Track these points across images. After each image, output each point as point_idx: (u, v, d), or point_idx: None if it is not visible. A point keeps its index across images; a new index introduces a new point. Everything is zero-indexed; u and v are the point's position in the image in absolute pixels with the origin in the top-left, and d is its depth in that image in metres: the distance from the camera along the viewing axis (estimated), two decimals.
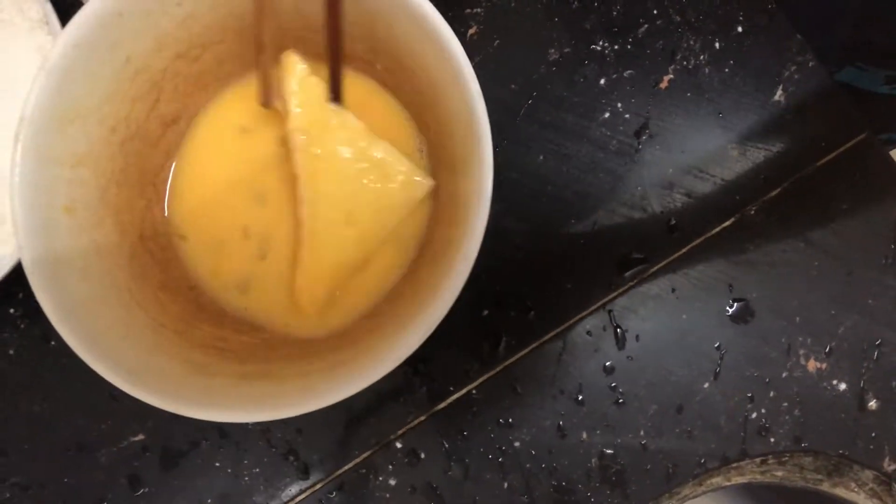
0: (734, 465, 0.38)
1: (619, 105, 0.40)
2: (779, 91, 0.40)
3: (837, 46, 0.51)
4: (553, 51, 0.40)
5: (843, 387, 0.38)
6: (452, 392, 0.38)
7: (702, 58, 0.41)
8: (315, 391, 0.26)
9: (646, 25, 0.41)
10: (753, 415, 0.38)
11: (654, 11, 0.41)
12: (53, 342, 0.38)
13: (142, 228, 0.33)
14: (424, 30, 0.28)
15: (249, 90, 0.35)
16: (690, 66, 0.40)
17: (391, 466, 0.37)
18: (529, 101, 0.40)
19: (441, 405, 0.38)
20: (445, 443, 0.37)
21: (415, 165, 0.33)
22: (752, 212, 0.39)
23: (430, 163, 0.35)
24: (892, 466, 0.38)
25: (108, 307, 0.29)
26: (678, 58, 0.41)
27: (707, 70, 0.40)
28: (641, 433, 0.38)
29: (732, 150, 0.40)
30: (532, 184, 0.39)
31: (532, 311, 0.38)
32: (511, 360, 0.38)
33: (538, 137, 0.40)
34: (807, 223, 0.39)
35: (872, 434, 0.38)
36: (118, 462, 0.37)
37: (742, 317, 0.38)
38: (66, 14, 0.28)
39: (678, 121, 0.40)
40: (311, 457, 0.37)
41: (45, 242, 0.27)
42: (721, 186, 0.39)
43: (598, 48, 0.41)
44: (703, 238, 0.39)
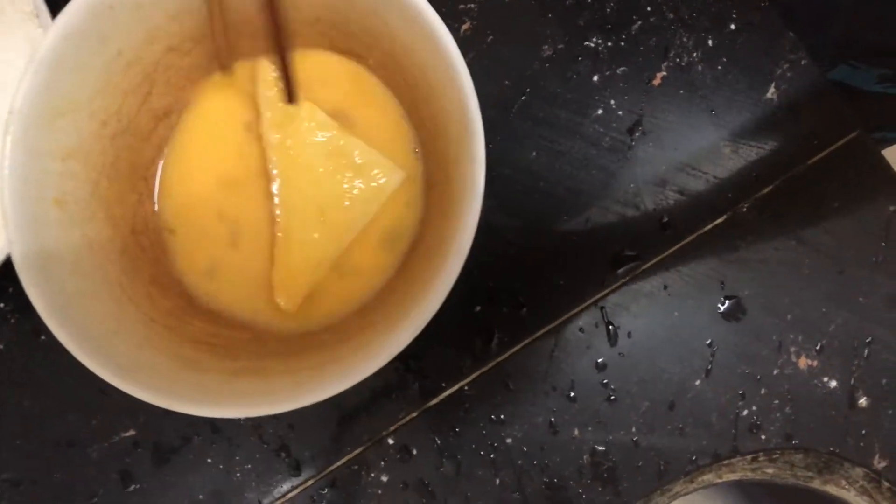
0: (725, 463, 0.38)
1: (613, 102, 0.40)
2: (771, 89, 0.40)
3: (830, 44, 0.51)
4: (546, 47, 0.40)
5: (834, 384, 0.38)
6: (444, 388, 0.38)
7: (695, 55, 0.41)
8: (306, 387, 0.26)
9: (639, 22, 0.41)
10: (745, 412, 0.38)
11: (648, 8, 0.41)
12: (44, 337, 0.37)
13: (133, 223, 0.33)
14: (418, 25, 0.28)
15: (235, 83, 0.35)
16: (683, 64, 0.41)
17: (383, 463, 0.37)
18: (523, 98, 0.40)
19: (433, 401, 0.38)
20: (437, 439, 0.37)
21: (386, 158, 0.33)
22: (745, 209, 0.39)
23: (425, 157, 0.35)
24: (882, 464, 0.38)
25: (99, 302, 0.29)
26: (671, 55, 0.41)
27: (700, 67, 0.41)
28: (633, 430, 0.38)
29: (725, 148, 0.40)
30: (525, 180, 0.39)
31: (524, 308, 0.38)
32: (503, 357, 0.38)
33: (531, 134, 0.40)
34: (799, 221, 0.40)
35: (863, 431, 0.38)
36: (109, 458, 0.37)
37: (734, 314, 0.39)
38: (58, 6, 0.28)
39: (671, 118, 0.40)
40: (304, 453, 0.37)
41: (36, 236, 0.27)
42: (713, 184, 0.40)
43: (592, 45, 0.41)
44: (696, 235, 0.39)
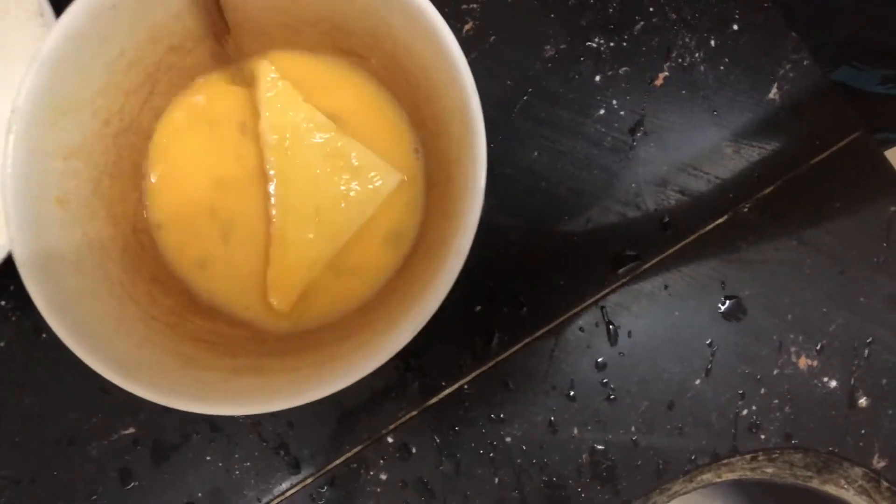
0: (724, 462, 0.38)
1: (615, 102, 0.40)
2: (774, 89, 0.40)
3: (833, 45, 0.51)
4: (549, 47, 0.40)
5: (834, 384, 0.38)
6: (444, 387, 0.38)
7: (697, 55, 0.41)
8: (306, 385, 0.26)
9: (642, 23, 0.41)
10: (744, 412, 0.38)
11: (650, 9, 0.41)
12: (45, 335, 0.37)
13: (135, 221, 0.33)
14: (420, 25, 0.28)
15: (233, 84, 0.35)
16: (686, 64, 0.40)
17: (382, 461, 0.37)
18: (524, 98, 0.40)
19: (433, 400, 0.38)
20: (437, 438, 0.37)
21: (384, 161, 0.34)
22: (746, 209, 0.39)
23: (426, 157, 0.35)
24: (882, 464, 0.38)
25: (100, 300, 0.29)
26: (673, 55, 0.41)
27: (702, 68, 0.40)
28: (633, 429, 0.38)
29: (727, 148, 0.40)
30: (526, 180, 0.39)
31: (525, 307, 0.38)
32: (503, 356, 0.38)
33: (533, 133, 0.40)
34: (800, 221, 0.40)
35: (862, 431, 0.38)
36: (109, 455, 0.37)
37: (734, 314, 0.39)
38: (62, 5, 0.28)
39: (673, 118, 0.40)
40: (303, 451, 0.37)
41: (37, 235, 0.27)
42: (715, 184, 0.40)
43: (594, 45, 0.41)
44: (697, 235, 0.39)
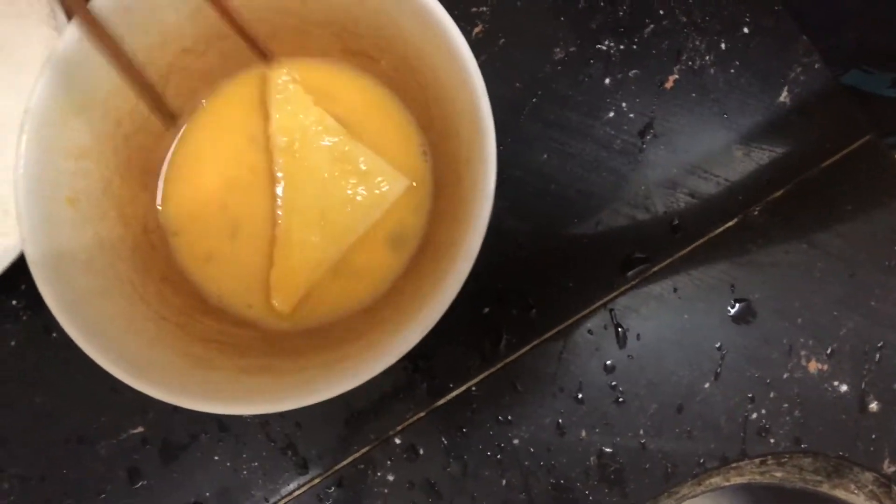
0: (733, 466, 0.38)
1: (624, 105, 0.40)
2: (784, 92, 0.40)
3: (842, 49, 0.51)
4: (558, 50, 0.40)
5: (844, 388, 0.38)
6: (452, 389, 0.38)
7: (707, 58, 0.40)
8: (314, 385, 0.26)
9: (651, 26, 0.41)
10: (753, 415, 0.38)
11: (661, 12, 0.41)
12: (55, 334, 0.38)
13: (145, 221, 0.33)
14: (431, 28, 0.28)
15: (244, 87, 0.35)
16: (696, 67, 0.40)
17: (390, 462, 0.37)
18: (534, 100, 0.40)
19: (441, 401, 0.38)
20: (444, 439, 0.37)
21: (391, 166, 0.34)
22: (756, 213, 0.39)
23: (434, 160, 0.35)
24: (892, 468, 0.38)
25: (111, 299, 0.29)
26: (683, 58, 0.40)
27: (712, 71, 0.40)
28: (641, 432, 0.38)
29: (737, 151, 0.40)
30: (535, 182, 0.39)
31: (533, 309, 0.38)
32: (511, 358, 0.38)
33: (542, 136, 0.40)
34: (810, 225, 0.39)
35: (873, 436, 0.38)
36: (118, 454, 0.37)
37: (744, 317, 0.38)
38: None
39: (683, 121, 0.40)
40: (310, 451, 0.37)
41: (49, 234, 0.27)
42: (725, 187, 0.39)
43: (604, 48, 0.40)
44: (706, 238, 0.39)
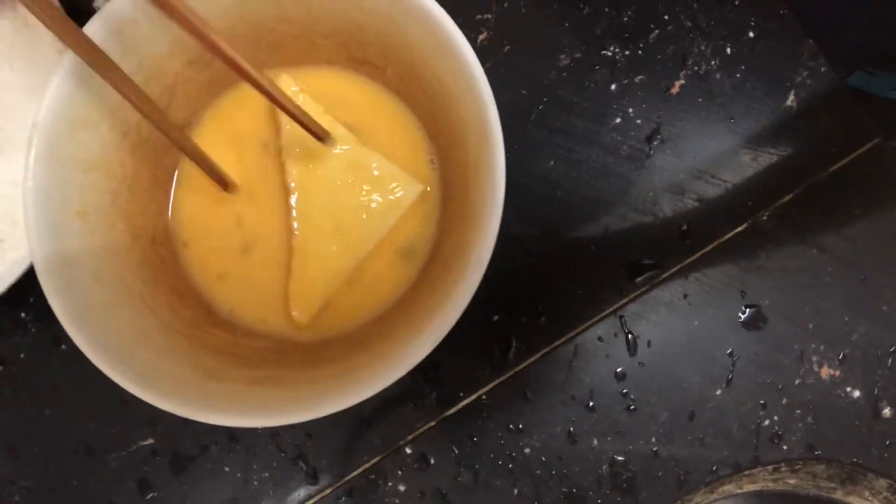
0: (746, 473, 0.37)
1: (630, 110, 0.40)
2: (791, 96, 0.40)
3: (847, 51, 0.51)
4: (564, 56, 0.40)
5: (857, 394, 0.38)
6: (462, 398, 0.37)
7: (713, 63, 0.40)
8: (327, 396, 0.26)
9: (657, 31, 0.41)
10: (766, 422, 0.38)
11: (666, 17, 0.41)
12: (64, 346, 0.38)
13: (154, 233, 0.33)
14: (437, 36, 0.28)
15: (250, 97, 0.35)
16: (702, 72, 0.40)
17: (401, 472, 0.37)
18: (540, 107, 0.40)
19: (451, 410, 0.37)
20: (455, 448, 0.37)
21: (404, 171, 0.34)
22: (765, 217, 0.39)
23: (441, 168, 0.35)
24: None
25: (120, 311, 0.29)
26: (689, 63, 0.40)
27: (718, 75, 0.40)
28: (653, 440, 0.37)
29: (744, 156, 0.40)
30: (542, 189, 0.39)
31: (543, 317, 0.38)
32: (522, 366, 0.38)
33: (549, 143, 0.40)
34: (819, 229, 0.39)
35: (886, 442, 0.38)
36: (128, 466, 0.37)
37: (754, 323, 0.38)
38: (83, 20, 0.28)
39: (689, 126, 0.40)
40: (321, 461, 0.37)
41: (57, 246, 0.27)
42: (732, 192, 0.39)
43: (609, 53, 0.40)
44: (715, 244, 0.39)
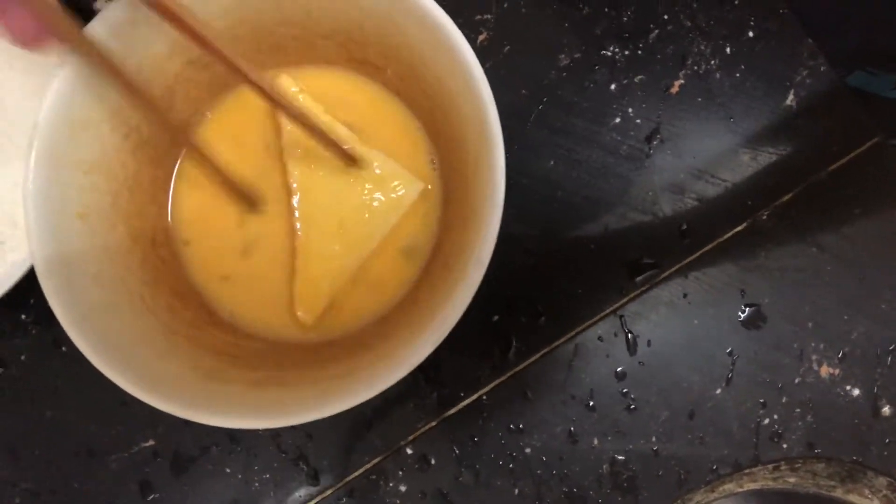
0: (746, 472, 0.37)
1: (630, 110, 0.40)
2: (790, 95, 0.40)
3: (846, 50, 0.51)
4: (563, 56, 0.40)
5: (857, 392, 0.38)
6: (463, 398, 0.37)
7: (713, 62, 0.40)
8: (327, 397, 0.26)
9: (656, 31, 0.41)
10: (766, 421, 0.38)
11: (665, 17, 0.41)
12: (65, 348, 0.38)
13: (154, 235, 0.33)
14: (437, 36, 0.28)
15: (250, 97, 0.35)
16: (701, 71, 0.40)
17: (401, 472, 0.37)
18: (540, 107, 0.40)
19: (451, 411, 0.37)
20: (456, 448, 0.37)
21: (405, 170, 0.33)
22: (764, 217, 0.39)
23: (442, 168, 0.35)
24: None
25: (120, 313, 0.29)
26: (689, 63, 0.40)
27: (718, 75, 0.40)
28: (653, 439, 0.37)
29: (744, 155, 0.40)
30: (542, 189, 0.39)
31: (543, 317, 0.38)
32: (522, 366, 0.38)
33: (548, 143, 0.40)
34: (819, 228, 0.39)
35: (886, 440, 0.38)
36: (129, 468, 0.37)
37: (754, 322, 0.38)
38: (83, 21, 0.28)
39: (689, 126, 0.40)
40: (321, 462, 0.37)
41: (58, 248, 0.27)
42: (732, 191, 0.39)
43: (609, 53, 0.40)
44: (715, 243, 0.39)
